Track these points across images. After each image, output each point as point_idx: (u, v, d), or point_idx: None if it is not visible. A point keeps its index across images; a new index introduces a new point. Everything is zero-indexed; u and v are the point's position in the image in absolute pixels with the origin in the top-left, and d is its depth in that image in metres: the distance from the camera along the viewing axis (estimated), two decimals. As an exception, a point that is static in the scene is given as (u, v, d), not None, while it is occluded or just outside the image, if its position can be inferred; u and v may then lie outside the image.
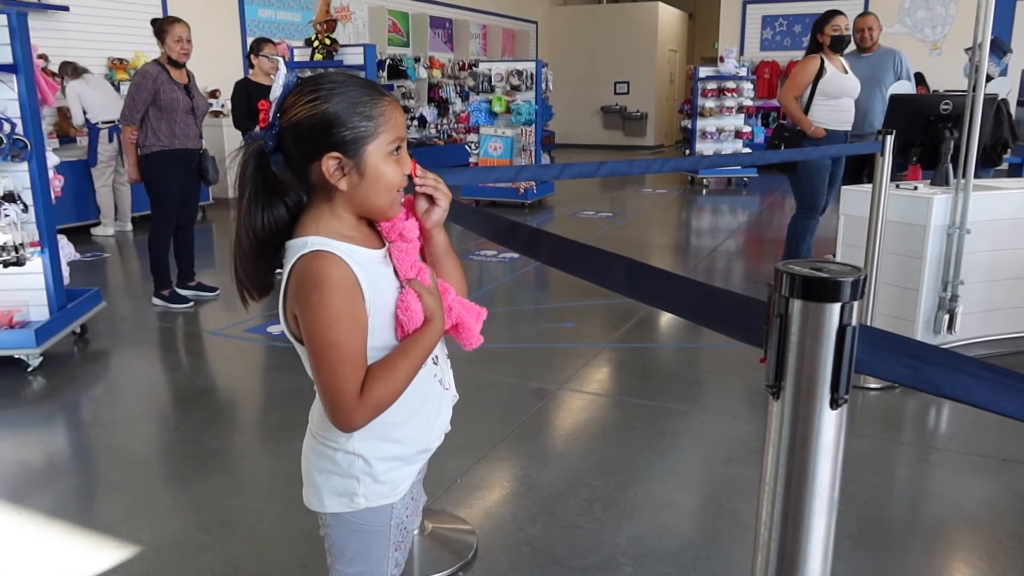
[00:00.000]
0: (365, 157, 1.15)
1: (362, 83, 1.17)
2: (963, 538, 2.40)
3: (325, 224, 1.17)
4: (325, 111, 1.13)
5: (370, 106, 1.15)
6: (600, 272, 1.16)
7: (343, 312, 1.12)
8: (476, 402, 3.35)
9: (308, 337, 1.14)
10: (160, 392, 3.71)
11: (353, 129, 1.14)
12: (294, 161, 1.17)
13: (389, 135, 1.17)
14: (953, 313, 3.59)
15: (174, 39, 4.58)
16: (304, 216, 1.20)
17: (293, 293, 1.15)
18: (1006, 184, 4.14)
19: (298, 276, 1.14)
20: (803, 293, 0.75)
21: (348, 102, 1.14)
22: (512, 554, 2.27)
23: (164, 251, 4.89)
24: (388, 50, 12.71)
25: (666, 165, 2.78)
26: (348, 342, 1.13)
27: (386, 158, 1.17)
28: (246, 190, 1.19)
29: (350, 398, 1.14)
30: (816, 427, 0.78)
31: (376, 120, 1.15)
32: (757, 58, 13.32)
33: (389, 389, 1.17)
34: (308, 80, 1.17)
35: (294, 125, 1.15)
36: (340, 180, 1.16)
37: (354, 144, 1.14)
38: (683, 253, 7.05)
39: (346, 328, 1.13)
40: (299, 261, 1.14)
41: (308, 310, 1.13)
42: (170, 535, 2.38)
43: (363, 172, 1.16)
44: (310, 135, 1.14)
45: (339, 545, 1.32)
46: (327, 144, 1.14)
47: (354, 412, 1.15)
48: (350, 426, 1.18)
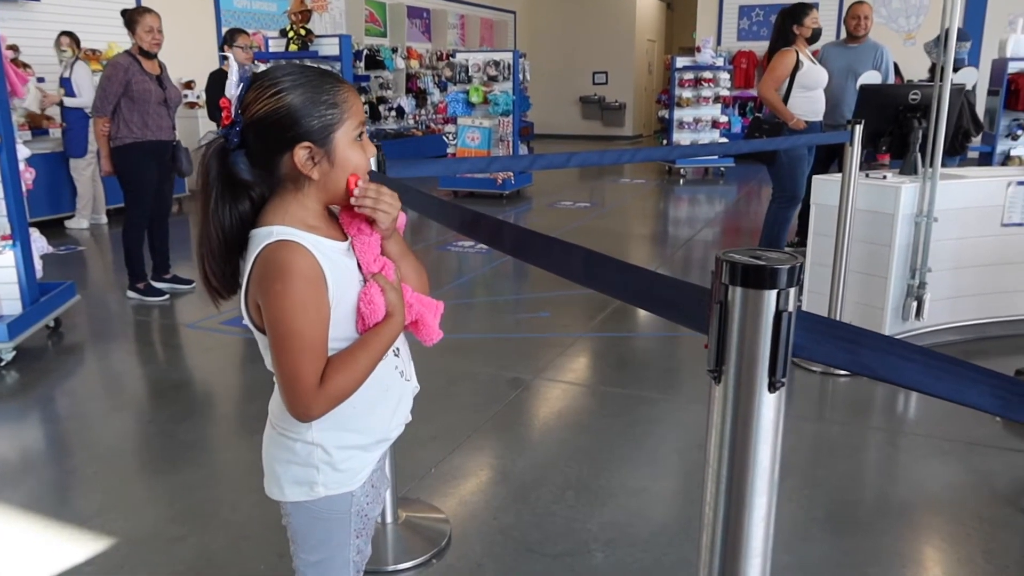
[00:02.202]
0: (334, 144, 1.17)
1: (319, 72, 1.18)
2: (929, 521, 2.45)
3: (291, 214, 1.18)
4: (291, 103, 1.14)
5: (333, 93, 1.16)
6: (559, 262, 1.18)
7: (307, 301, 1.13)
8: (451, 392, 3.37)
9: (270, 325, 1.15)
10: (135, 385, 3.70)
11: (321, 117, 1.15)
12: (260, 156, 1.17)
13: (354, 120, 1.18)
14: (921, 300, 3.66)
15: (145, 29, 4.54)
16: (269, 205, 1.20)
17: (257, 281, 1.16)
18: (972, 173, 4.20)
19: (263, 264, 1.15)
20: (742, 280, 0.77)
21: (312, 91, 1.15)
22: (486, 542, 2.29)
23: (138, 244, 4.85)
24: (365, 40, 12.64)
25: (637, 155, 2.80)
26: (310, 331, 1.14)
27: (352, 144, 1.19)
28: (212, 190, 1.18)
29: (309, 387, 1.15)
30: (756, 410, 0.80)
31: (341, 107, 1.17)
32: (734, 48, 13.38)
33: (348, 380, 1.18)
34: (264, 75, 1.17)
35: (259, 120, 1.15)
36: (312, 170, 1.16)
37: (323, 132, 1.15)
38: (660, 243, 7.10)
39: (309, 317, 1.14)
40: (264, 250, 1.15)
41: (271, 298, 1.13)
42: (144, 528, 2.38)
43: (333, 160, 1.17)
44: (278, 128, 1.14)
45: (301, 533, 1.34)
46: (296, 135, 1.14)
47: (313, 401, 1.16)
48: (308, 415, 1.19)
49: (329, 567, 1.35)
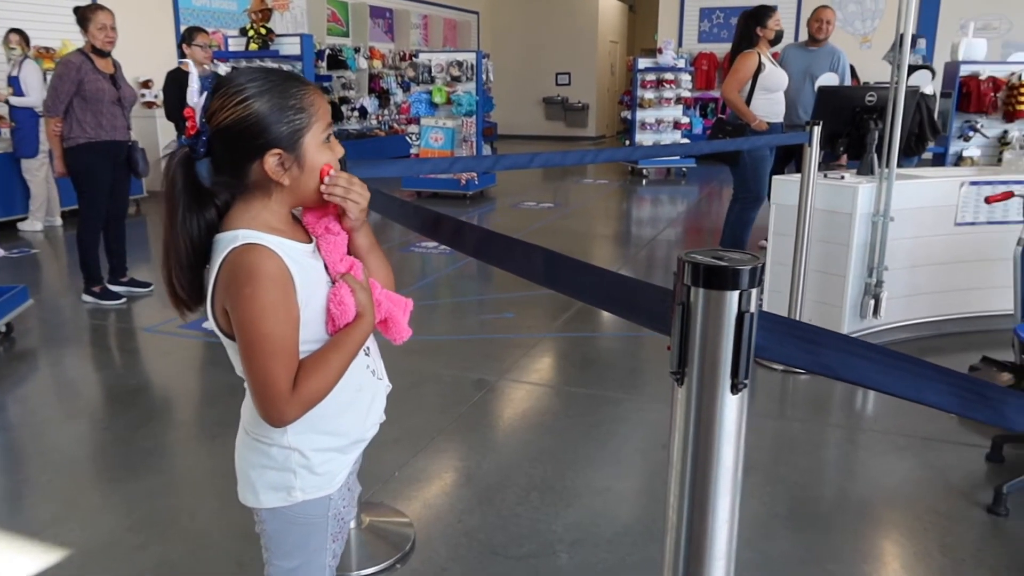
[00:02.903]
0: (304, 149, 1.15)
1: (284, 75, 1.17)
2: (887, 516, 2.49)
3: (256, 218, 1.16)
4: (258, 110, 1.12)
5: (300, 97, 1.15)
6: (521, 263, 1.17)
7: (276, 305, 1.12)
8: (416, 394, 3.35)
9: (240, 330, 1.13)
10: (91, 391, 3.61)
11: (289, 123, 1.13)
12: (228, 164, 1.15)
13: (322, 123, 1.18)
14: (878, 298, 3.72)
15: (97, 27, 4.43)
16: (234, 210, 1.19)
17: (224, 286, 1.14)
18: (927, 173, 4.30)
19: (229, 269, 1.13)
20: (704, 281, 0.77)
21: (279, 97, 1.13)
22: (450, 545, 2.28)
23: (93, 246, 4.74)
24: (327, 40, 12.51)
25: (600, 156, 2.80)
26: (281, 335, 1.13)
27: (321, 146, 1.18)
28: (179, 202, 1.16)
29: (282, 392, 1.13)
30: (718, 411, 0.80)
31: (308, 110, 1.16)
32: (695, 50, 13.51)
33: (321, 383, 1.17)
34: (228, 81, 1.14)
35: (226, 129, 1.12)
36: (283, 176, 1.15)
37: (292, 138, 1.14)
38: (623, 243, 7.14)
39: (279, 321, 1.12)
40: (230, 254, 1.13)
41: (241, 302, 1.12)
42: (100, 537, 2.32)
43: (303, 164, 1.16)
44: (246, 136, 1.13)
45: (276, 539, 1.31)
46: (266, 142, 1.13)
47: (286, 406, 1.14)
48: (282, 420, 1.17)
49: (305, 573, 1.33)
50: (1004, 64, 7.37)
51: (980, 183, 3.91)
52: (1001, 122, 7.07)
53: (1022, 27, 12.05)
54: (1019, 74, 6.96)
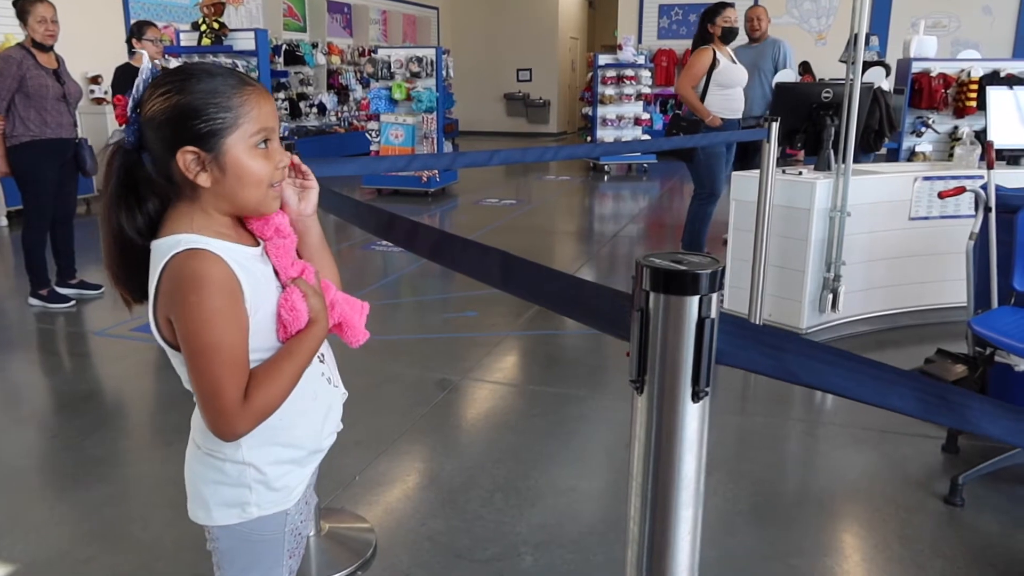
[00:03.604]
0: (225, 151, 1.09)
1: (223, 72, 1.11)
2: (847, 508, 2.52)
3: (197, 221, 1.11)
4: (178, 103, 1.07)
5: (228, 96, 1.08)
6: (477, 266, 1.14)
7: (223, 312, 1.06)
8: (377, 395, 3.30)
9: (185, 341, 1.08)
10: (38, 398, 3.49)
11: (209, 121, 1.07)
12: (156, 157, 1.11)
13: (252, 127, 1.10)
14: (836, 292, 3.77)
15: (37, 20, 4.28)
16: (171, 213, 1.13)
17: (167, 295, 1.08)
18: (883, 168, 4.36)
19: (172, 276, 1.07)
20: (663, 287, 0.75)
21: (204, 92, 1.07)
22: (413, 550, 2.24)
23: (40, 247, 4.58)
24: (284, 35, 12.32)
25: (560, 153, 2.78)
26: (230, 344, 1.07)
27: (250, 151, 1.11)
28: (112, 192, 1.12)
29: (233, 404, 1.08)
30: (679, 421, 0.78)
31: (235, 111, 1.09)
32: (655, 46, 13.59)
33: (274, 393, 1.12)
34: (167, 72, 1.10)
35: (149, 120, 1.09)
36: (199, 175, 1.09)
37: (211, 137, 1.08)
38: (586, 239, 7.14)
39: (227, 329, 1.07)
40: (172, 260, 1.07)
41: (185, 311, 1.06)
42: (47, 551, 2.24)
43: (224, 167, 1.09)
44: (166, 128, 1.08)
45: (229, 557, 1.26)
46: (182, 137, 1.07)
47: (237, 419, 1.09)
48: (234, 434, 1.12)
49: None
50: (954, 61, 7.53)
51: (933, 178, 3.97)
52: (952, 118, 7.21)
53: (970, 25, 12.35)
54: (968, 71, 7.11)
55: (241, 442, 1.16)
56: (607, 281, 5.41)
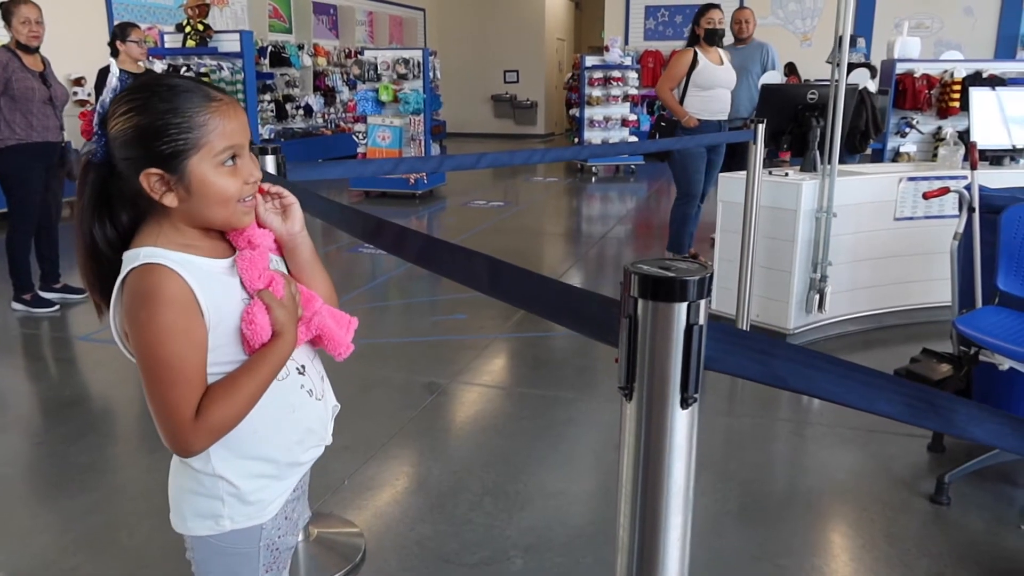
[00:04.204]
0: (188, 171, 1.07)
1: (187, 88, 1.08)
2: (834, 508, 2.53)
3: (164, 235, 1.10)
4: (138, 124, 1.05)
5: (190, 115, 1.06)
6: (463, 271, 1.13)
7: (174, 328, 1.05)
8: (365, 399, 3.28)
9: (137, 356, 1.07)
10: (22, 403, 3.45)
11: (172, 142, 1.05)
12: (124, 174, 1.09)
13: (217, 145, 1.08)
14: (823, 293, 3.78)
15: (20, 21, 4.24)
16: (144, 225, 1.12)
17: (124, 310, 1.08)
18: (868, 169, 4.39)
19: (127, 291, 1.07)
20: (651, 293, 0.75)
21: (164, 112, 1.05)
22: (402, 554, 2.23)
23: (24, 252, 4.54)
24: (269, 36, 12.26)
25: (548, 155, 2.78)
26: (180, 360, 1.06)
27: (216, 170, 1.08)
28: (83, 202, 1.11)
29: (184, 421, 1.07)
30: (668, 428, 0.78)
31: (197, 131, 1.06)
32: (641, 48, 13.62)
33: (230, 410, 1.10)
34: (131, 86, 1.08)
35: (114, 138, 1.07)
36: (164, 196, 1.07)
37: (174, 158, 1.06)
38: (574, 240, 7.15)
39: (178, 345, 1.05)
40: (129, 275, 1.07)
41: (137, 327, 1.05)
42: (30, 560, 2.21)
43: (189, 187, 1.07)
44: (128, 149, 1.06)
45: (204, 569, 1.25)
46: (145, 159, 1.06)
47: (190, 436, 1.08)
48: (188, 451, 1.11)
49: None
50: (937, 62, 7.60)
51: (917, 179, 4.00)
52: (935, 118, 7.28)
53: (953, 26, 12.46)
54: (951, 72, 7.17)
55: (210, 454, 1.15)
56: (595, 284, 5.41)
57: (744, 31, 5.80)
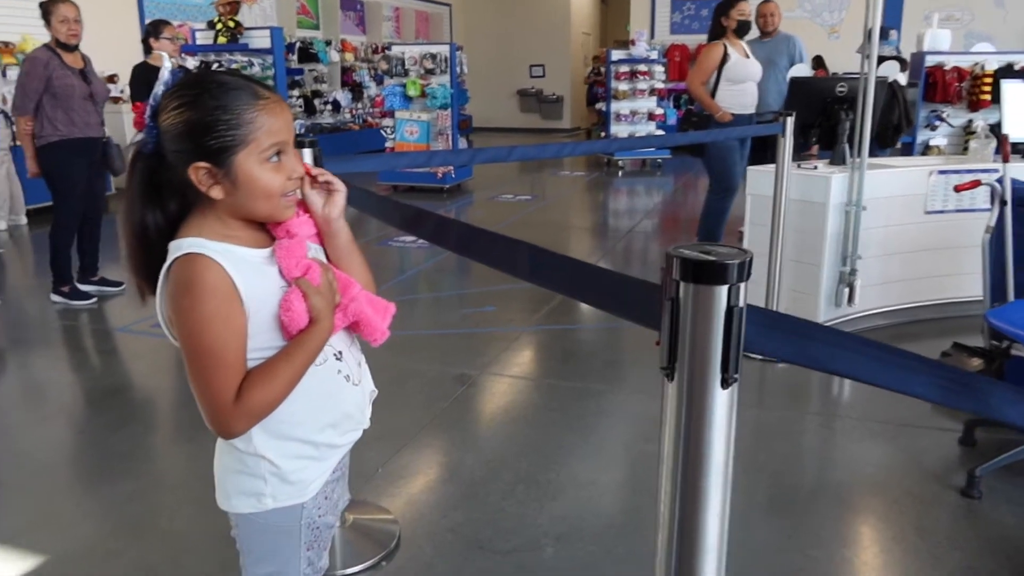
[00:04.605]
0: (235, 166, 1.11)
1: (237, 85, 1.12)
2: (864, 501, 2.53)
3: (208, 225, 1.15)
4: (188, 119, 1.10)
5: (239, 112, 1.10)
6: (504, 259, 1.16)
7: (215, 316, 1.09)
8: (397, 390, 3.33)
9: (181, 342, 1.12)
10: (64, 394, 3.55)
11: (220, 138, 1.09)
12: (173, 166, 1.14)
13: (263, 142, 1.12)
14: (852, 286, 3.77)
15: (59, 20, 4.34)
16: (189, 216, 1.17)
17: (168, 297, 1.13)
18: (898, 163, 4.35)
19: (171, 280, 1.12)
20: (692, 276, 0.78)
21: (214, 108, 1.09)
22: (436, 541, 2.27)
23: (67, 247, 4.65)
24: (297, 33, 12.38)
25: (577, 148, 2.81)
26: (221, 347, 1.10)
27: (261, 165, 1.13)
28: (133, 192, 1.16)
29: (225, 404, 1.12)
30: (709, 407, 0.81)
31: (244, 128, 1.10)
32: (667, 41, 13.57)
33: (268, 394, 1.14)
34: (183, 82, 1.13)
35: (165, 131, 1.12)
36: (211, 188, 1.12)
37: (222, 153, 1.10)
38: (601, 234, 7.16)
39: (218, 332, 1.10)
40: (173, 264, 1.12)
41: (180, 315, 1.11)
42: (77, 543, 2.29)
43: (235, 181, 1.12)
44: (178, 143, 1.11)
45: (248, 544, 1.30)
46: (194, 152, 1.10)
47: (230, 418, 1.13)
48: (228, 432, 1.16)
49: None
50: (968, 54, 7.48)
51: (948, 172, 3.97)
52: (966, 111, 7.17)
53: (983, 18, 12.26)
54: (982, 64, 7.06)
55: (252, 435, 1.20)
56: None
57: (770, 24, 5.75)
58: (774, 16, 5.75)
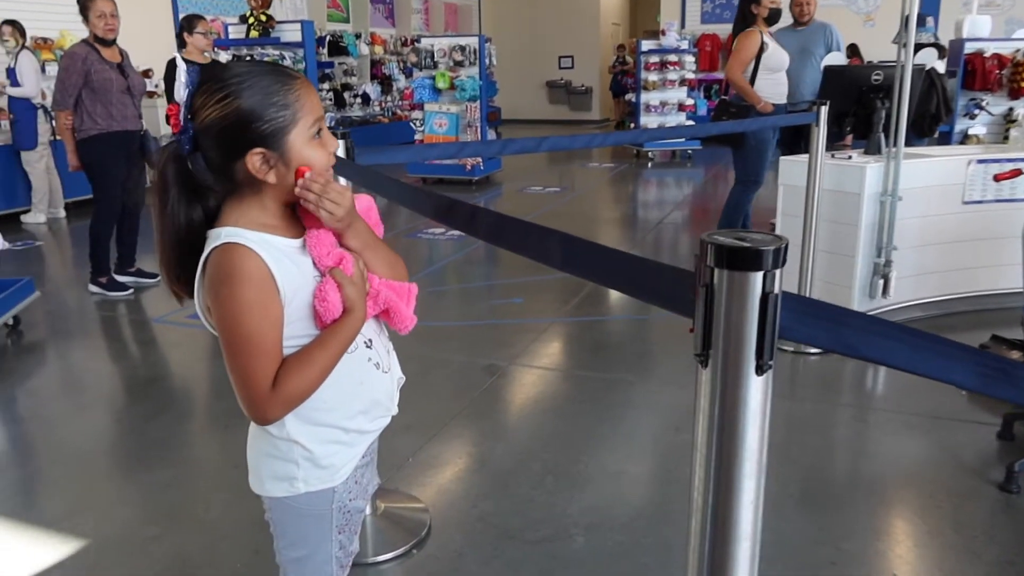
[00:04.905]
0: (288, 147, 1.13)
1: (268, 69, 1.14)
2: (899, 494, 2.50)
3: (245, 214, 1.16)
4: (239, 108, 1.10)
5: (284, 93, 1.12)
6: (536, 248, 1.16)
7: (253, 304, 1.11)
8: (427, 380, 3.36)
9: (219, 329, 1.14)
10: (101, 383, 3.62)
11: (271, 121, 1.11)
12: (216, 162, 1.14)
13: (308, 119, 1.14)
14: (887, 278, 3.71)
15: (96, 15, 4.41)
16: (226, 206, 1.18)
17: (206, 286, 1.14)
18: (935, 152, 4.27)
19: (210, 269, 1.13)
20: (727, 263, 0.77)
21: (261, 93, 1.11)
22: (466, 530, 2.29)
23: (106, 238, 4.74)
24: (328, 26, 12.46)
25: (607, 139, 2.80)
26: (258, 334, 1.12)
27: (309, 143, 1.15)
28: (168, 193, 1.16)
29: (262, 391, 1.13)
30: (743, 393, 0.80)
31: (292, 107, 1.13)
32: (698, 31, 13.42)
33: (304, 382, 1.16)
34: (212, 76, 1.13)
35: (208, 127, 1.11)
36: (268, 174, 1.14)
37: (275, 136, 1.12)
38: (630, 226, 7.12)
39: (256, 320, 1.11)
40: (211, 253, 1.13)
41: (218, 303, 1.12)
42: (116, 529, 2.34)
43: (288, 162, 1.14)
44: (228, 135, 1.11)
45: (281, 528, 1.33)
46: (248, 141, 1.11)
47: (267, 405, 1.15)
48: (265, 419, 1.18)
49: (311, 563, 1.34)
50: (1008, 41, 7.30)
51: (987, 161, 3.88)
52: (1006, 99, 7.01)
53: (1025, 3, 11.95)
54: (1023, 51, 6.90)
55: (286, 421, 1.22)
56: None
57: (806, 13, 5.63)
58: (810, 4, 5.62)
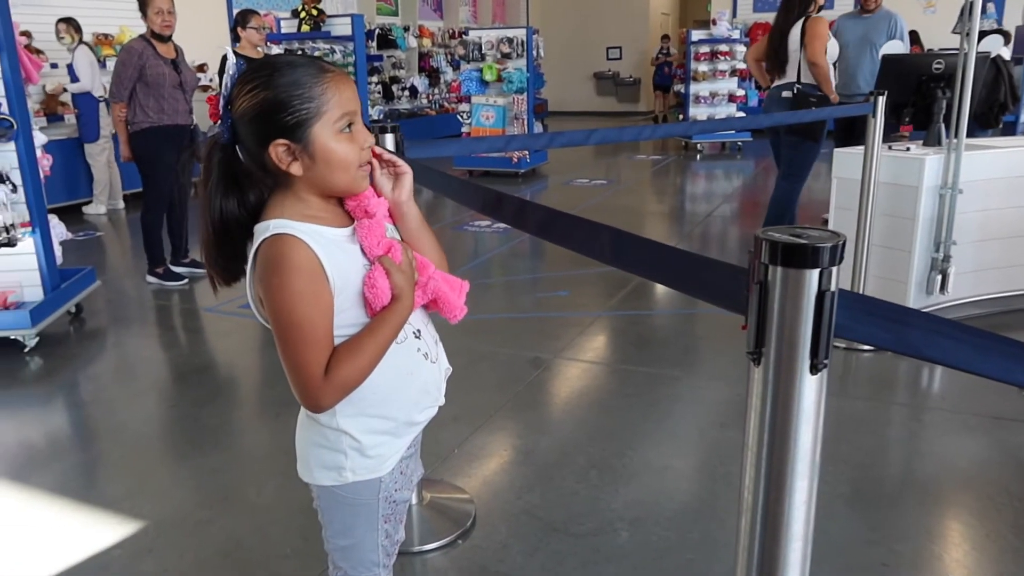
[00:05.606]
0: (312, 139, 1.15)
1: (303, 63, 1.16)
2: (955, 496, 2.43)
3: (290, 206, 1.18)
4: (264, 98, 1.13)
5: (310, 86, 1.14)
6: (586, 242, 1.16)
7: (304, 293, 1.13)
8: (472, 372, 3.37)
9: (272, 319, 1.16)
10: (158, 370, 3.72)
11: (294, 113, 1.13)
12: (250, 150, 1.18)
13: (335, 113, 1.16)
14: (945, 274, 3.60)
15: (155, 11, 4.53)
16: (270, 200, 1.21)
17: (257, 277, 1.17)
18: (998, 143, 4.12)
19: (260, 260, 1.15)
20: (782, 260, 0.75)
21: (286, 85, 1.13)
22: (511, 522, 2.30)
23: (157, 229, 4.87)
24: (377, 19, 12.56)
25: (657, 131, 2.76)
26: (311, 323, 1.14)
27: (336, 136, 1.16)
28: (211, 185, 1.20)
29: (315, 379, 1.15)
30: (797, 392, 0.79)
31: (318, 100, 1.14)
32: (750, 20, 13.16)
33: (355, 369, 1.17)
34: (251, 68, 1.17)
35: (240, 116, 1.16)
36: (291, 165, 1.16)
37: (298, 128, 1.14)
38: (678, 219, 7.04)
39: (307, 309, 1.13)
40: (262, 245, 1.15)
41: (270, 293, 1.14)
42: (171, 511, 2.41)
43: (313, 154, 1.15)
44: (256, 124, 1.15)
45: (328, 517, 1.35)
46: (272, 131, 1.14)
47: (320, 393, 1.16)
48: (318, 407, 1.19)
49: (358, 551, 1.36)
50: (1080, 26, 7.01)
51: (1055, 152, 3.74)
52: (1076, 87, 6.73)
53: (1098, -14, 11.43)
54: (1097, 36, 6.61)
55: (336, 411, 1.23)
56: (700, 261, 5.32)
57: (871, 1, 5.43)
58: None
